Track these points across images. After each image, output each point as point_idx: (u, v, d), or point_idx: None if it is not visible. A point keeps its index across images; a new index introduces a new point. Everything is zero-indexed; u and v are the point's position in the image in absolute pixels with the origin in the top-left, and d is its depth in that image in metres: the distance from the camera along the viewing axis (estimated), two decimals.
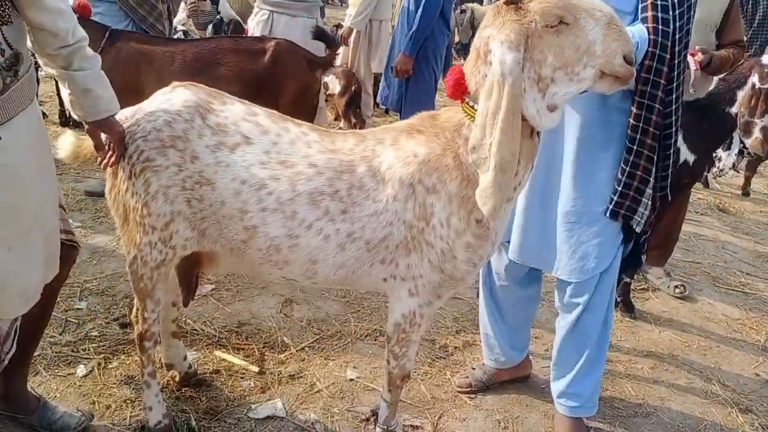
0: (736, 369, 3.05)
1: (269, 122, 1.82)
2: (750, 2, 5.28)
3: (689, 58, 2.90)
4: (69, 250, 1.97)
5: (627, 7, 1.93)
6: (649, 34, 1.89)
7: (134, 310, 2.10)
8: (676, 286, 3.72)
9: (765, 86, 2.88)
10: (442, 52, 4.80)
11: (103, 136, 1.82)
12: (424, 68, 4.55)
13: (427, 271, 1.80)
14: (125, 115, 1.88)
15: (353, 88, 5.49)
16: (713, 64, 3.07)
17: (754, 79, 2.94)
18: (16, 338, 1.96)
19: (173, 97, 1.84)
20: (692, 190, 4.33)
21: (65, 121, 5.49)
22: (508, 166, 1.54)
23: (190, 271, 2.10)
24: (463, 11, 9.86)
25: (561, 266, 2.20)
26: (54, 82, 5.50)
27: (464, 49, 10.33)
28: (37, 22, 1.63)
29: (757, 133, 2.96)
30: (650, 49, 1.90)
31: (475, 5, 10.34)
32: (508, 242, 2.29)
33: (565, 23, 1.51)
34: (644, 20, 1.91)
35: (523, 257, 2.28)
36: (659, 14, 1.88)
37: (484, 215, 1.65)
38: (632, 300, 3.48)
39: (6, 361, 1.96)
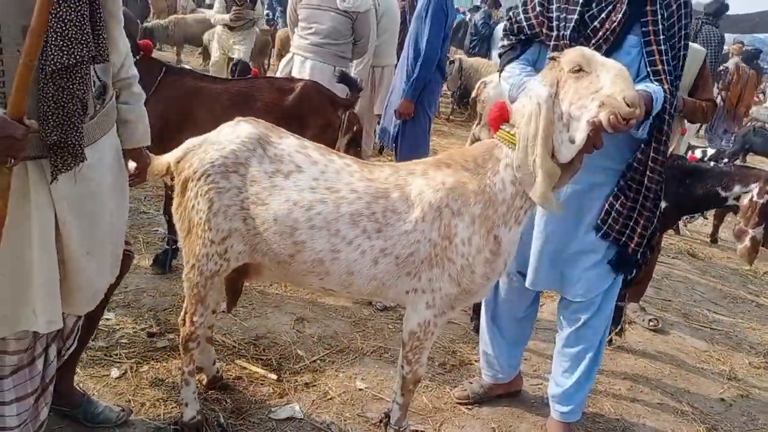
0: (704, 393, 3.37)
1: (318, 155, 2.14)
2: None
3: None
4: (125, 259, 2.23)
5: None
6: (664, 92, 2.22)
7: (182, 313, 2.36)
8: (650, 320, 4.06)
9: (761, 200, 3.12)
10: (436, 98, 5.31)
11: (131, 164, 2.10)
12: (421, 111, 4.96)
13: (446, 284, 2.10)
14: (193, 144, 2.19)
15: (355, 128, 5.83)
16: (686, 107, 3.48)
17: (755, 191, 3.15)
18: (78, 335, 2.21)
19: (238, 130, 2.15)
20: (665, 236, 4.74)
21: None
22: (553, 172, 1.89)
23: (237, 281, 2.38)
24: (452, 62, 10.35)
25: (568, 289, 2.54)
26: None
27: (461, 98, 10.72)
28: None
29: (746, 242, 3.21)
30: (665, 105, 2.23)
31: (463, 56, 10.87)
32: (522, 273, 2.62)
33: (585, 71, 1.87)
34: (656, 75, 2.24)
35: (537, 284, 2.60)
36: (670, 71, 2.24)
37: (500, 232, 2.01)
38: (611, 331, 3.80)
39: (66, 356, 2.20)
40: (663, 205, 3.41)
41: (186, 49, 12.45)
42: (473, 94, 7.62)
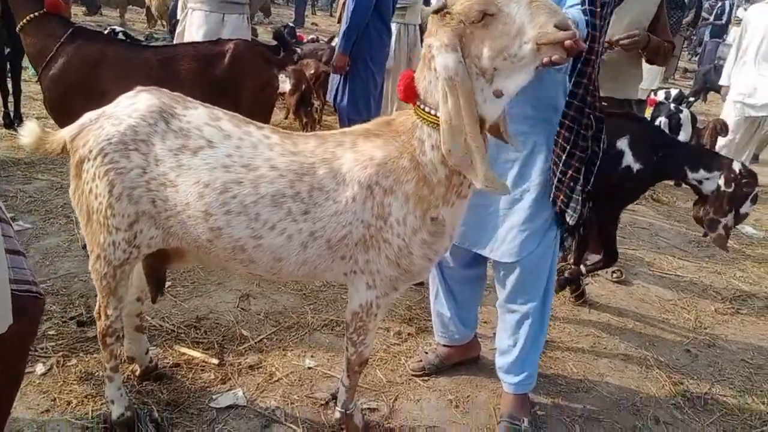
0: (669, 345, 3.28)
1: (231, 126, 1.87)
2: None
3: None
4: (27, 302, 1.70)
5: None
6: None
7: (97, 306, 2.14)
8: (613, 272, 3.95)
9: (729, 190, 3.11)
10: (380, 52, 4.83)
11: None
12: (360, 66, 4.66)
13: (385, 266, 1.90)
14: (89, 118, 1.91)
15: (303, 86, 5.56)
16: (650, 45, 3.33)
17: (720, 181, 3.13)
18: None
19: (137, 102, 1.87)
20: None
21: (9, 122, 5.38)
22: (482, 146, 1.62)
23: (159, 267, 2.14)
24: None
25: (494, 248, 2.36)
26: None
27: None
28: None
29: (720, 230, 3.20)
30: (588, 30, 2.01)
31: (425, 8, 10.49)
32: None
33: (490, 15, 1.55)
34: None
35: (461, 240, 2.43)
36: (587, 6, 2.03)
37: (439, 213, 1.79)
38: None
39: None
40: (636, 166, 3.24)
41: (131, 10, 11.89)
42: None
